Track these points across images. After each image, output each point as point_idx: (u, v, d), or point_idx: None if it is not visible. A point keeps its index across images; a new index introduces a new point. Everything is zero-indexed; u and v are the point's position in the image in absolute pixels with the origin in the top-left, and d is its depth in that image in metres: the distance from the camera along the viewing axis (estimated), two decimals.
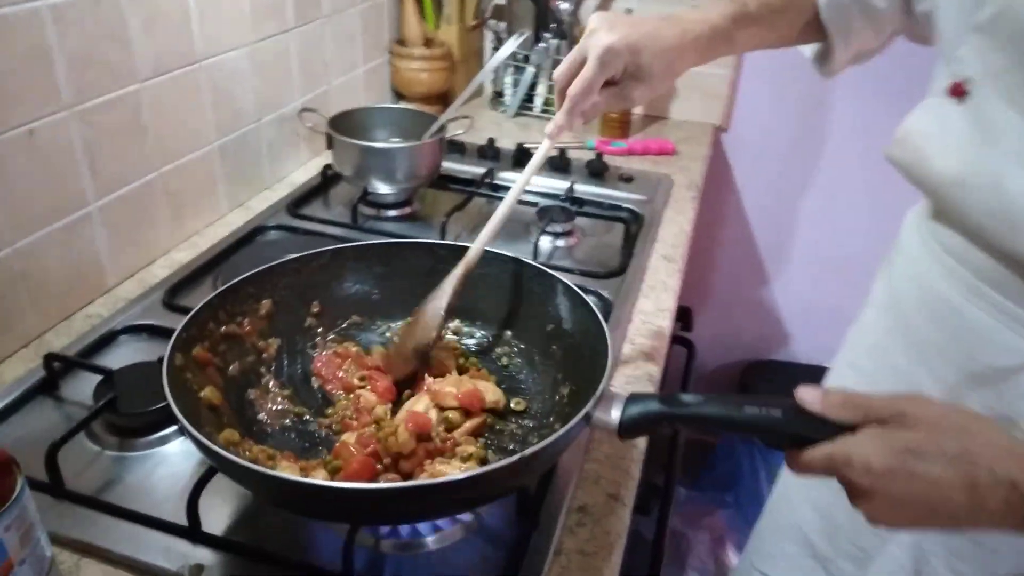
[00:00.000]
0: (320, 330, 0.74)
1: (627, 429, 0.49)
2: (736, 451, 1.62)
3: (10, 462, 0.48)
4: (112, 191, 0.84)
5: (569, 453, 0.60)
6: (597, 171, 1.25)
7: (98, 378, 0.70)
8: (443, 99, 1.48)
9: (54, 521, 0.56)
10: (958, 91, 0.58)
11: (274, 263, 0.70)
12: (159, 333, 0.79)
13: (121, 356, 0.76)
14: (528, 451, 0.48)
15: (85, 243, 0.82)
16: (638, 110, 1.56)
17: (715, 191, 1.64)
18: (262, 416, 0.65)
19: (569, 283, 0.69)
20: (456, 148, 1.29)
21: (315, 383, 0.70)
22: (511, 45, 1.10)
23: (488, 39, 1.54)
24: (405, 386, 0.69)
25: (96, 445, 0.66)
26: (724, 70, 1.50)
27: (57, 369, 0.72)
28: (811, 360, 1.78)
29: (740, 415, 0.45)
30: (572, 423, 0.50)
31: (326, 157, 1.14)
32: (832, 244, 1.64)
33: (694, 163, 1.37)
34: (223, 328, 0.65)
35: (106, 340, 0.78)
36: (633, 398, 0.50)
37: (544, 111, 1.50)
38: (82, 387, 0.71)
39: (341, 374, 0.70)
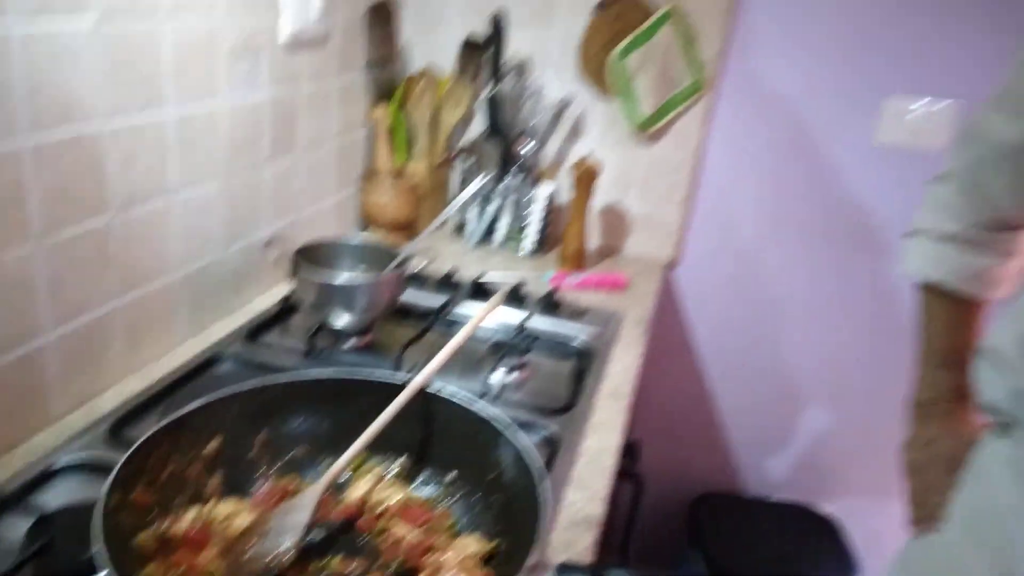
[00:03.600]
0: (264, 463, 0.75)
1: None
2: None
3: None
4: (70, 320, 0.86)
5: None
6: (551, 305, 1.30)
7: (32, 519, 0.69)
8: (409, 227, 1.55)
9: None
10: None
11: (222, 395, 0.72)
12: (102, 469, 0.78)
13: (61, 493, 0.75)
14: None
15: (35, 372, 0.83)
16: (594, 243, 1.64)
17: (666, 324, 1.70)
18: None
19: (512, 437, 0.71)
20: (417, 278, 1.34)
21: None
22: (476, 185, 1.18)
23: (455, 173, 1.62)
24: None
25: None
26: (675, 209, 1.59)
27: None
28: (760, 492, 1.80)
29: None
30: None
31: (290, 284, 1.18)
32: (779, 376, 1.70)
33: (644, 298, 1.43)
34: (165, 465, 0.65)
35: (46, 476, 0.77)
36: (563, 569, 0.51)
37: (503, 244, 1.57)
38: (15, 529, 0.69)
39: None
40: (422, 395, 0.76)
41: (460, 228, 1.62)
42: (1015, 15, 1.33)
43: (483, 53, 1.46)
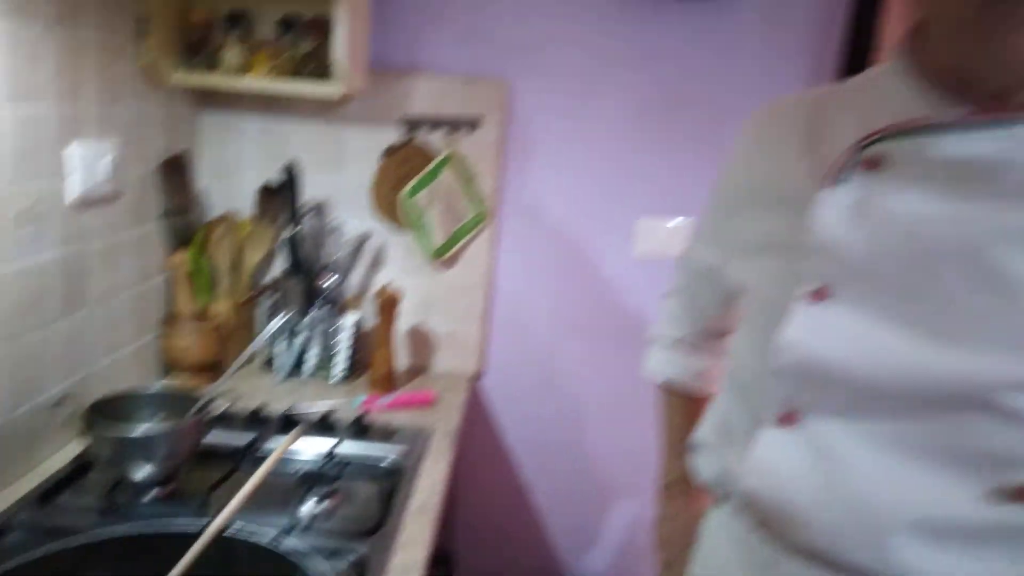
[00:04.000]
0: None
1: None
2: None
3: None
4: None
5: None
6: (361, 429, 1.37)
7: None
8: (215, 368, 1.56)
9: None
10: (788, 419, 0.68)
11: (7, 569, 0.71)
12: None
13: None
14: None
15: None
16: (403, 364, 1.74)
17: (478, 432, 1.82)
18: None
19: (310, 569, 0.76)
20: (223, 419, 1.35)
21: None
22: (276, 323, 1.24)
23: (262, 310, 1.67)
24: None
25: None
26: (475, 325, 1.74)
27: None
28: None
29: None
30: None
31: (84, 441, 1.15)
32: (590, 469, 1.85)
33: (452, 411, 1.53)
34: None
35: None
36: None
37: (314, 374, 1.63)
38: None
39: None
40: (220, 539, 0.80)
41: (270, 363, 1.65)
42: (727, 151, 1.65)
43: (280, 198, 1.56)
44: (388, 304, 1.57)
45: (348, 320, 1.61)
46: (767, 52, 1.58)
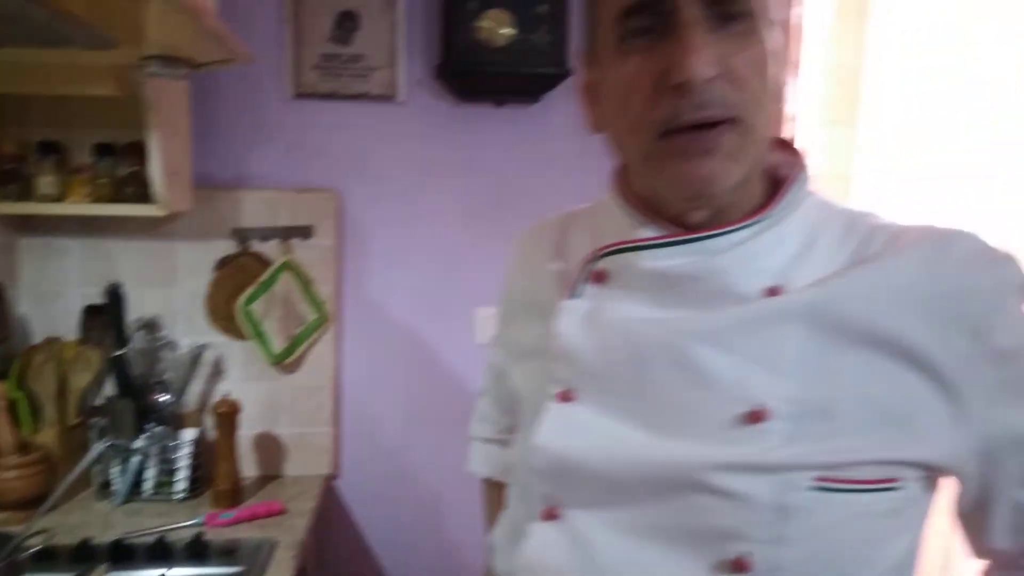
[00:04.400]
0: None
1: None
2: None
3: None
4: None
5: None
6: (198, 551, 1.33)
7: None
8: (42, 502, 1.48)
9: None
10: (550, 514, 0.72)
11: None
12: None
13: None
14: None
15: None
16: (252, 473, 1.71)
17: (333, 538, 1.80)
18: None
19: None
20: (44, 557, 1.29)
21: None
22: (96, 449, 1.22)
23: (93, 434, 1.61)
24: None
25: None
26: (325, 426, 1.74)
27: None
28: None
29: None
30: None
31: None
32: (452, 561, 1.86)
33: (300, 519, 1.52)
34: None
35: None
36: None
37: (154, 495, 1.57)
38: None
39: None
40: None
41: (105, 486, 1.58)
42: None
43: (105, 318, 1.54)
44: (227, 415, 1.56)
45: (186, 435, 1.58)
46: (577, 154, 1.74)
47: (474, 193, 1.75)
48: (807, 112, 1.53)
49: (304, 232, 1.67)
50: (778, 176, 0.72)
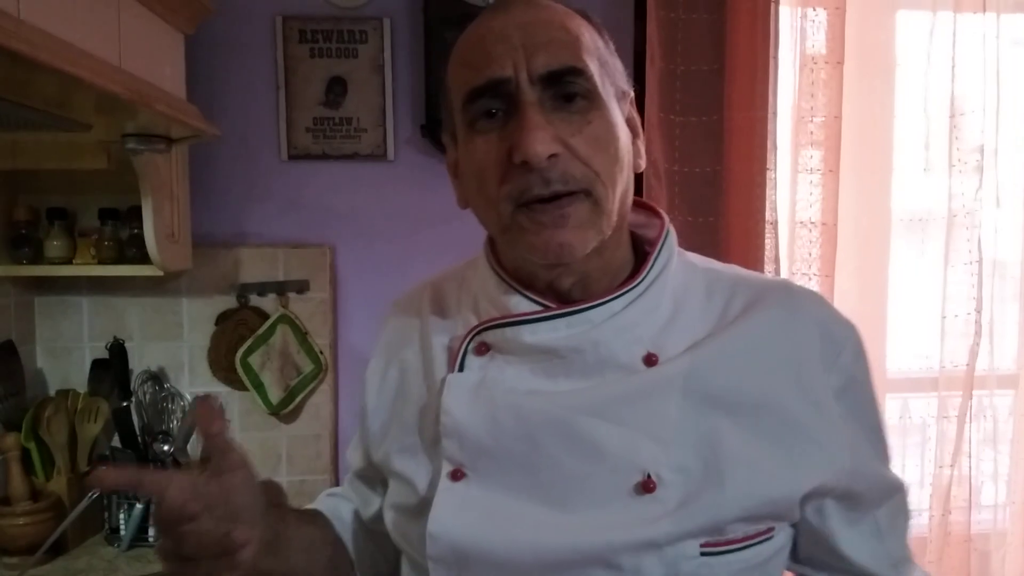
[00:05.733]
0: None
1: None
2: None
3: None
4: None
5: None
6: None
7: None
8: (53, 548, 1.56)
9: None
10: (457, 475, 0.69)
11: None
12: None
13: None
14: None
15: None
16: None
17: None
18: None
19: None
20: None
21: None
22: (87, 500, 1.28)
23: None
24: None
25: None
26: (324, 473, 1.79)
27: None
28: None
29: None
30: None
31: None
32: None
33: None
34: None
35: None
36: None
37: (158, 540, 1.64)
38: None
39: None
40: None
41: (113, 532, 1.66)
42: None
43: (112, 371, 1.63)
44: None
45: None
46: None
47: (463, 243, 1.78)
48: None
49: (300, 286, 1.74)
50: (642, 237, 0.74)
